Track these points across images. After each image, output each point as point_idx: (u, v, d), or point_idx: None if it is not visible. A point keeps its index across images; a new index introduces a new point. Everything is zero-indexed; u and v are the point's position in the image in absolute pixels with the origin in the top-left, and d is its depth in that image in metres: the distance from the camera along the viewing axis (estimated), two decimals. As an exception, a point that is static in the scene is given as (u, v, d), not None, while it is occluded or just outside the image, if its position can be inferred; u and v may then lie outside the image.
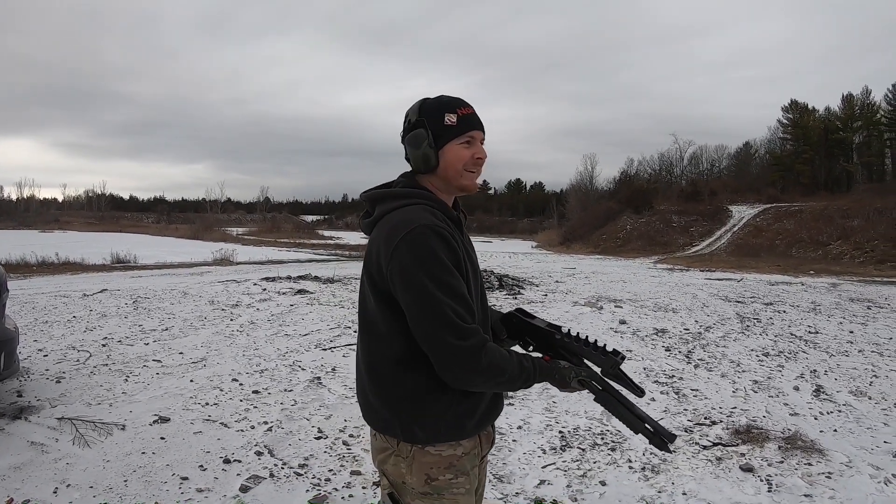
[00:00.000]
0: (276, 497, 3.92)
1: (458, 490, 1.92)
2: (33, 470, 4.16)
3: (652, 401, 6.10)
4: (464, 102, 1.96)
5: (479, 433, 1.99)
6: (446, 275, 1.78)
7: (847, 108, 66.11)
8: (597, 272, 21.54)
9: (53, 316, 9.80)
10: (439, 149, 1.91)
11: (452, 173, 1.93)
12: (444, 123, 1.90)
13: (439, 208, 1.91)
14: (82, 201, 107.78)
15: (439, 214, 1.89)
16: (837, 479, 4.32)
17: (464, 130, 1.92)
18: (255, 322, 9.76)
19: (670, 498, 4.02)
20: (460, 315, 1.77)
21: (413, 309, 1.78)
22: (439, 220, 1.86)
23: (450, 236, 1.83)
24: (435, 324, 1.75)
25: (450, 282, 1.78)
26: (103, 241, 34.41)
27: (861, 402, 6.17)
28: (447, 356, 1.77)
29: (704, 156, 76.49)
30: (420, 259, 1.76)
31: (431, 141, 1.89)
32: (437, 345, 1.77)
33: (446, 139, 1.91)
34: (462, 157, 1.92)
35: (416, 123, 1.92)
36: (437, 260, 1.77)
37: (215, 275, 18.09)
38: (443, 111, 1.91)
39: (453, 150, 1.91)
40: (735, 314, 11.81)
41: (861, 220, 37.79)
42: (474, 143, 1.94)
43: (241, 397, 5.91)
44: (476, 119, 1.96)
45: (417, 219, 1.81)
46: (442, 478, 1.91)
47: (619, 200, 57.98)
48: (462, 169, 1.93)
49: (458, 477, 1.92)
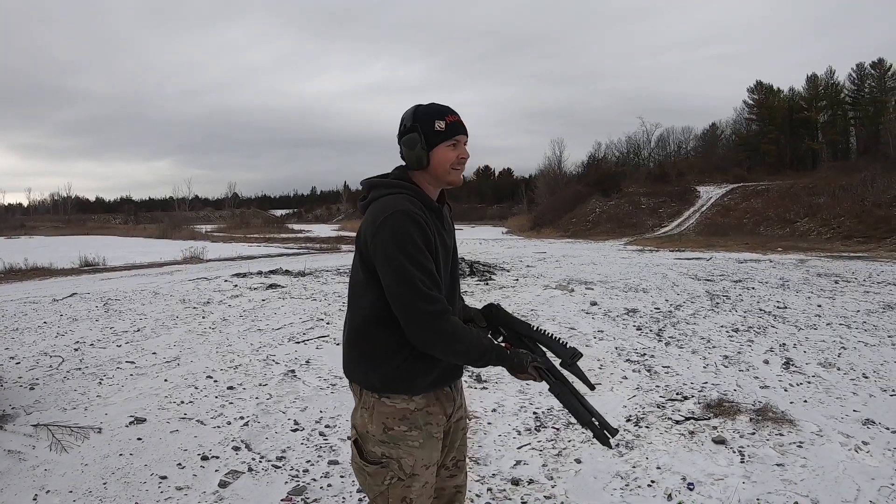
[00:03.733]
0: (255, 490, 3.94)
1: (413, 443, 2.20)
2: (11, 479, 4.13)
3: (624, 379, 6.18)
4: (451, 111, 2.27)
5: (432, 392, 2.25)
6: (417, 253, 2.08)
7: (811, 88, 66.93)
8: (567, 256, 21.67)
9: (24, 322, 9.69)
10: (430, 150, 2.22)
11: (441, 171, 2.25)
12: (434, 129, 2.21)
13: (419, 199, 2.21)
14: (48, 205, 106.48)
15: (418, 203, 2.18)
16: (809, 447, 4.42)
17: (451, 135, 2.23)
18: (227, 319, 9.73)
19: (645, 472, 4.09)
20: (427, 285, 2.08)
21: (389, 278, 2.09)
22: (417, 208, 2.15)
23: (423, 222, 2.13)
24: (406, 290, 2.07)
25: (419, 258, 2.08)
26: (71, 245, 33.99)
27: (830, 373, 6.28)
28: (414, 317, 2.07)
29: (672, 137, 76.92)
30: (397, 238, 2.08)
31: (424, 144, 2.20)
32: (407, 308, 2.08)
33: (436, 142, 2.21)
34: (449, 158, 2.24)
35: (411, 128, 2.22)
36: (410, 240, 2.08)
37: (185, 273, 17.97)
38: (433, 118, 2.22)
39: (442, 151, 2.22)
40: (705, 292, 11.96)
41: (827, 198, 38.20)
42: (459, 145, 2.26)
43: (217, 394, 5.90)
44: (461, 125, 2.27)
45: (398, 205, 2.13)
46: (397, 428, 2.20)
47: (588, 184, 58.24)
48: (449, 167, 2.25)
49: (411, 430, 2.21)
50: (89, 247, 28.16)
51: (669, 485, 3.91)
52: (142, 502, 3.79)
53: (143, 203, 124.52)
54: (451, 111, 2.27)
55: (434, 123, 2.20)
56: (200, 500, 3.82)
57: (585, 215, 51.00)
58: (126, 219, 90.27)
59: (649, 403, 5.46)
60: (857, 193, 36.39)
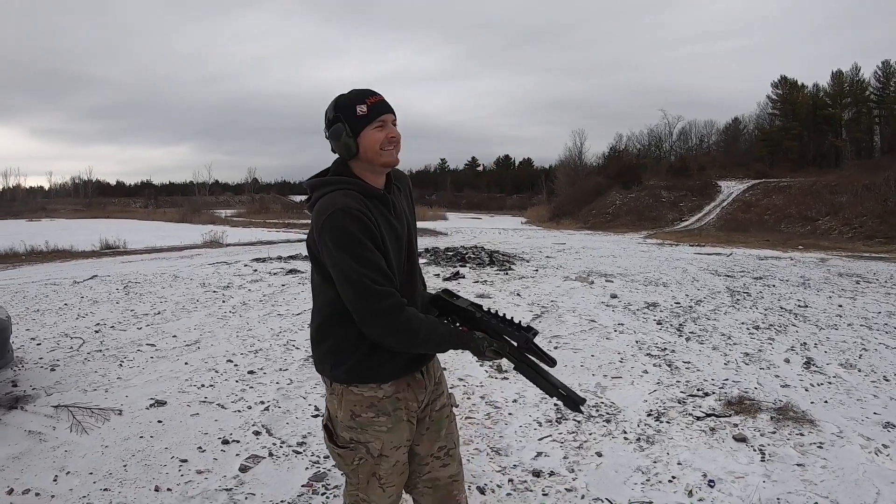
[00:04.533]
0: (275, 476, 3.95)
1: (380, 428, 2.28)
2: (32, 459, 4.17)
3: (645, 373, 6.16)
4: (372, 92, 2.24)
5: (399, 379, 2.30)
6: (360, 249, 2.09)
7: (836, 85, 66.21)
8: (587, 247, 21.59)
9: (45, 304, 9.77)
10: (356, 136, 2.19)
11: (372, 154, 2.20)
12: (356, 114, 2.18)
13: (359, 190, 2.20)
14: (69, 188, 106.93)
15: (356, 196, 2.17)
16: (829, 448, 4.38)
17: (375, 116, 2.19)
18: (247, 303, 9.77)
19: (665, 467, 4.08)
20: (376, 281, 2.09)
21: (338, 279, 2.12)
22: (355, 202, 2.14)
23: (363, 215, 2.12)
24: (354, 290, 2.09)
25: (364, 255, 2.09)
26: (91, 228, 34.18)
27: (851, 375, 6.22)
28: (366, 316, 2.10)
29: (693, 131, 76.39)
30: (338, 238, 2.09)
31: (349, 131, 2.18)
32: (358, 307, 2.10)
33: (361, 127, 2.18)
34: (377, 139, 2.20)
35: (334, 119, 2.21)
36: (352, 238, 2.09)
37: (205, 257, 18.04)
38: (354, 104, 2.19)
39: (369, 134, 2.19)
40: (725, 288, 11.88)
41: (850, 196, 37.76)
42: (386, 125, 2.21)
43: (237, 378, 5.93)
44: (384, 105, 2.23)
45: (336, 203, 2.13)
46: (364, 415, 2.27)
47: (609, 176, 57.90)
48: (379, 149, 2.20)
49: (379, 416, 2.27)
50: (110, 230, 28.30)
51: (690, 481, 3.89)
52: (162, 485, 3.81)
53: (163, 187, 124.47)
54: (373, 93, 2.24)
55: (356, 109, 2.18)
56: (221, 484, 3.84)
57: (605, 207, 50.78)
58: (146, 203, 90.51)
59: (670, 399, 5.43)
60: (880, 193, 35.96)
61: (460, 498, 2.52)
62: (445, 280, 12.12)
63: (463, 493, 2.54)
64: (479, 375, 6.05)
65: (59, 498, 3.66)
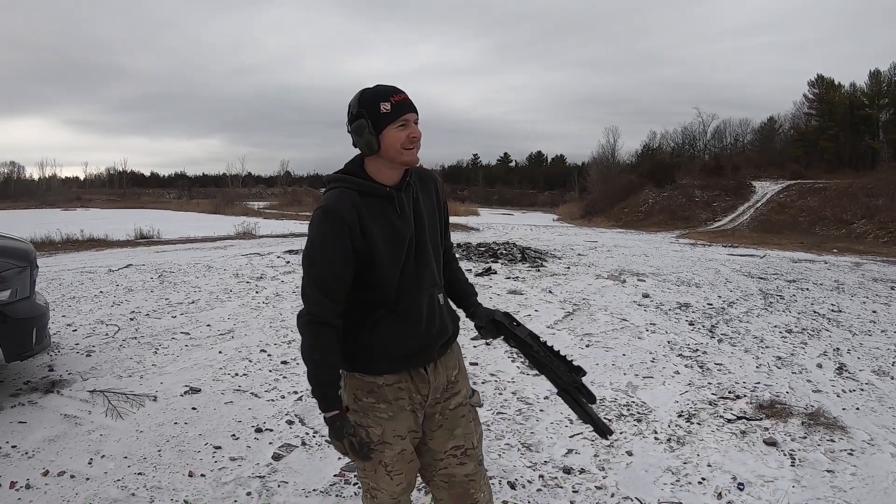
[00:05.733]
0: (308, 465, 4.01)
1: (381, 415, 2.32)
2: (67, 442, 4.26)
3: (676, 374, 6.14)
4: (397, 90, 2.23)
5: (399, 371, 2.33)
6: (319, 253, 2.20)
7: (874, 85, 65.22)
8: (619, 245, 21.48)
9: (80, 291, 9.93)
10: (379, 134, 2.19)
11: (393, 153, 2.21)
12: (380, 111, 2.17)
13: (359, 189, 2.23)
14: (104, 179, 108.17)
15: (351, 197, 2.21)
16: (859, 456, 4.34)
17: (398, 115, 2.19)
18: (280, 294, 9.86)
19: (695, 469, 4.08)
20: (312, 291, 2.21)
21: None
22: (348, 203, 2.19)
23: (341, 220, 2.16)
24: (302, 285, 2.26)
25: (316, 263, 2.21)
26: (126, 218, 34.63)
27: (883, 382, 6.15)
28: (300, 312, 2.26)
29: (728, 130, 75.53)
30: (311, 234, 2.23)
31: (371, 128, 2.18)
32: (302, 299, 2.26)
33: (384, 124, 2.18)
34: (399, 138, 2.19)
35: (358, 114, 2.21)
36: (317, 244, 2.20)
37: (238, 248, 18.18)
38: (378, 101, 2.19)
39: (391, 133, 2.18)
40: (758, 290, 11.78)
41: (886, 200, 37.14)
42: (408, 124, 2.21)
43: (270, 368, 6.00)
44: (408, 104, 2.23)
45: (325, 203, 2.22)
46: (365, 400, 2.33)
47: (641, 174, 57.49)
48: (401, 148, 2.20)
49: (379, 402, 2.32)
50: (144, 220, 28.64)
51: (720, 483, 3.89)
52: (196, 471, 3.88)
53: (196, 179, 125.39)
54: (397, 91, 2.24)
55: (379, 106, 2.18)
56: (254, 471, 3.90)
57: (638, 206, 50.47)
58: (180, 194, 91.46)
59: (701, 400, 5.42)
60: (917, 197, 35.50)
61: (477, 497, 2.48)
62: (477, 276, 12.14)
63: (481, 492, 2.49)
64: (511, 371, 6.07)
65: (94, 480, 3.74)
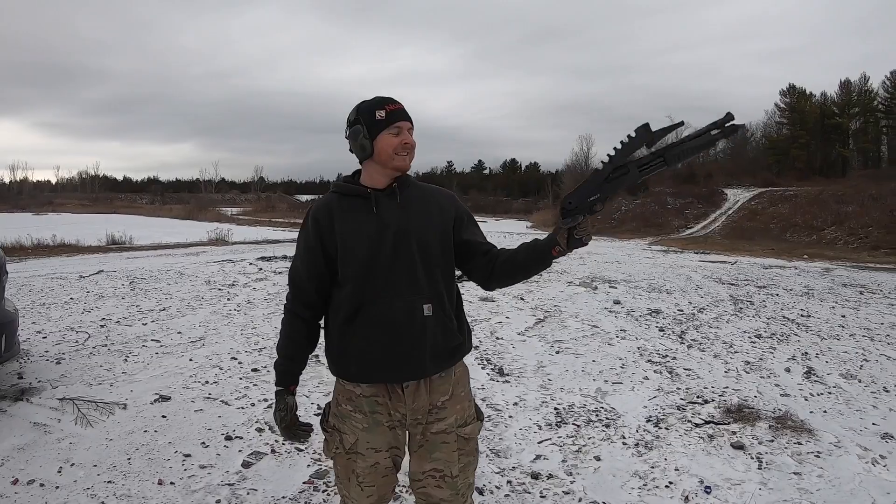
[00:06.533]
0: (277, 472, 4.00)
1: (357, 424, 2.36)
2: (37, 450, 4.22)
3: (646, 379, 6.20)
4: (393, 100, 2.35)
5: (371, 381, 2.35)
6: (295, 252, 2.47)
7: (844, 94, 66.31)
8: (591, 253, 21.58)
9: (51, 298, 9.84)
10: (373, 139, 2.30)
11: (385, 157, 2.31)
12: (375, 118, 2.29)
13: (341, 191, 2.39)
14: (76, 183, 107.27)
15: (332, 198, 2.40)
16: (826, 458, 4.40)
17: (391, 122, 2.30)
18: (252, 301, 9.83)
19: (663, 473, 4.12)
20: (293, 281, 2.48)
21: None
22: (325, 204, 2.39)
23: (315, 220, 2.37)
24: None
25: (298, 257, 2.44)
26: (98, 223, 34.37)
27: (851, 385, 6.24)
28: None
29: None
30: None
31: (366, 133, 2.29)
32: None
33: (378, 130, 2.29)
34: (392, 144, 2.30)
35: (354, 121, 2.33)
36: (300, 240, 2.44)
37: (211, 255, 18.12)
38: (374, 109, 2.31)
39: (384, 138, 2.30)
40: (728, 296, 11.90)
41: (856, 206, 37.68)
42: (402, 132, 2.32)
43: (241, 375, 5.98)
44: (403, 113, 2.34)
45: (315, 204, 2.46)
46: (344, 406, 2.40)
47: (615, 182, 57.90)
48: (393, 153, 2.31)
49: (356, 412, 2.37)
50: (116, 225, 28.45)
51: (687, 487, 3.93)
52: (165, 479, 3.86)
53: (169, 184, 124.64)
54: (393, 101, 2.35)
55: (375, 113, 2.30)
56: (224, 479, 3.89)
57: (611, 213, 50.75)
58: (153, 199, 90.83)
59: (670, 405, 5.47)
60: (886, 203, 35.91)
61: None
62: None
63: None
64: (482, 378, 6.10)
65: (64, 489, 3.71)
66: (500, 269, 2.40)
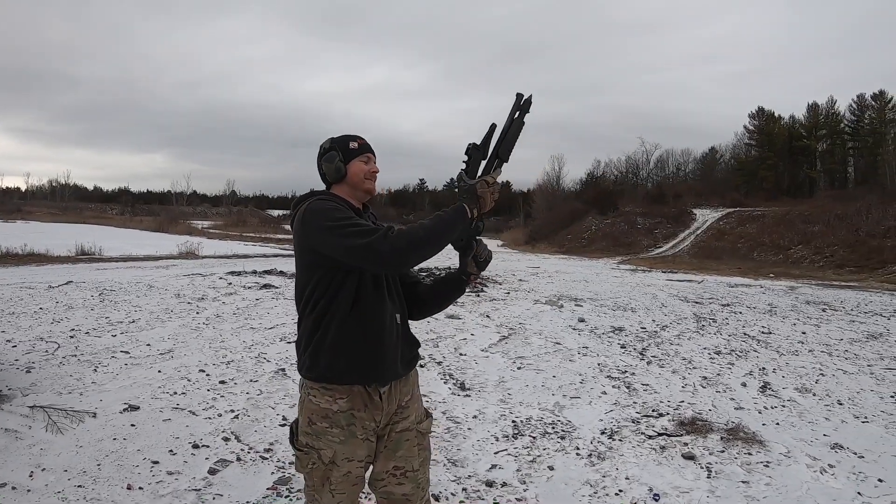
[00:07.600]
0: (242, 479, 4.11)
1: (333, 439, 2.45)
2: (8, 455, 4.28)
3: (603, 394, 6.36)
4: (360, 137, 2.64)
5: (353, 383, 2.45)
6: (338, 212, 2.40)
7: (812, 117, 67.50)
8: (560, 271, 21.83)
9: (20, 307, 9.84)
10: (347, 163, 2.56)
11: (357, 181, 2.57)
12: (349, 147, 2.58)
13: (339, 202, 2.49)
14: (46, 191, 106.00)
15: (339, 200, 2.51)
16: (775, 467, 4.57)
17: (363, 152, 2.60)
18: (221, 315, 9.90)
19: (613, 482, 4.27)
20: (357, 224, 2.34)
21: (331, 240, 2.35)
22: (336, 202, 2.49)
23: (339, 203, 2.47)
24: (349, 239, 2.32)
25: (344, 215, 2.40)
26: (67, 232, 33.95)
27: (805, 398, 6.43)
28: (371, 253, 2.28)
29: (671, 159, 77.21)
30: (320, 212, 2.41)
31: (341, 157, 2.56)
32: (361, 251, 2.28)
33: (351, 157, 2.57)
34: (363, 169, 2.58)
35: (329, 148, 2.59)
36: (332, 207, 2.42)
37: (181, 268, 18.09)
38: (347, 140, 2.59)
39: (356, 164, 2.57)
40: (692, 314, 12.13)
41: (822, 226, 38.33)
42: (370, 161, 2.61)
43: (209, 387, 6.07)
44: (369, 146, 2.63)
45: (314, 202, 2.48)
46: (319, 424, 2.46)
47: (585, 201, 58.47)
48: (363, 177, 2.58)
49: (332, 427, 2.45)
50: (86, 235, 28.17)
51: (636, 494, 4.09)
52: (134, 484, 3.96)
53: (140, 195, 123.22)
54: (361, 137, 2.63)
55: (349, 143, 2.58)
56: (190, 485, 3.99)
57: (581, 232, 51.23)
58: (123, 210, 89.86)
59: (625, 418, 5.63)
60: (851, 223, 36.59)
61: None
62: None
63: None
64: (443, 392, 6.24)
65: (35, 492, 3.80)
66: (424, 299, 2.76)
